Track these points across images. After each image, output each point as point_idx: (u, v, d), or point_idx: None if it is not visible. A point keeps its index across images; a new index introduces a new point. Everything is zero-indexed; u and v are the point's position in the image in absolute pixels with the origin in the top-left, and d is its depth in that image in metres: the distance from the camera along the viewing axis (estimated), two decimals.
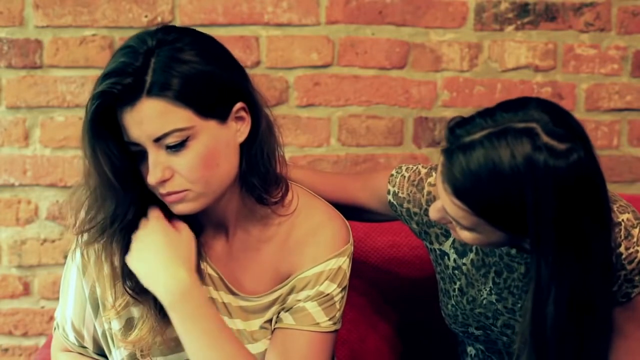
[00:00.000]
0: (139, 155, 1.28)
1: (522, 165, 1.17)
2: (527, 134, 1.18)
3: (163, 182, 1.27)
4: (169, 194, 1.28)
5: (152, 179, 1.26)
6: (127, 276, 1.33)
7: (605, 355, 1.32)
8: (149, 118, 1.23)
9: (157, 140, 1.24)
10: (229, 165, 1.30)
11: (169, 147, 1.25)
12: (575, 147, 1.19)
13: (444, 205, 1.26)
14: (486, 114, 1.22)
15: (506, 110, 1.22)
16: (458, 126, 1.23)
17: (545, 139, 1.18)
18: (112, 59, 1.26)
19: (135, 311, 1.37)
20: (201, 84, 1.24)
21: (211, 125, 1.26)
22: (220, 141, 1.28)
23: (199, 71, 1.24)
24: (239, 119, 1.30)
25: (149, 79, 1.22)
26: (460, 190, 1.21)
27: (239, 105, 1.29)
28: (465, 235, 1.28)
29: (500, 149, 1.17)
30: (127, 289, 1.34)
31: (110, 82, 1.21)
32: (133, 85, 1.21)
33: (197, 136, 1.25)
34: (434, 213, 1.32)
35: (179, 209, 1.30)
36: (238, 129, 1.30)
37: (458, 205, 1.23)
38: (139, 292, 1.33)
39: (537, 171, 1.17)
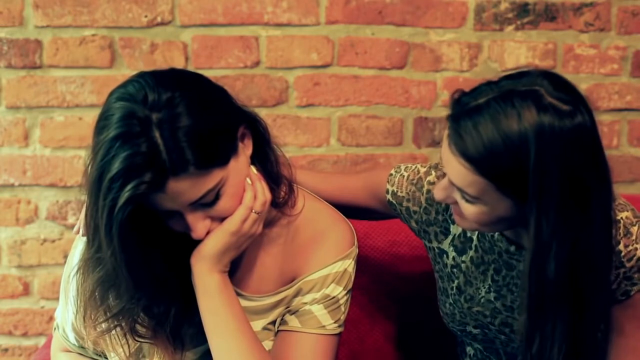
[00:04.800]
0: (168, 214, 1.26)
1: (528, 122, 1.19)
2: (531, 96, 1.20)
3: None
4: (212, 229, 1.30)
5: (198, 235, 1.27)
6: (135, 331, 1.32)
7: (601, 322, 1.33)
8: (181, 193, 1.20)
9: (193, 203, 1.23)
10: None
11: (205, 204, 1.25)
12: (579, 110, 1.21)
13: (451, 173, 1.26)
14: (490, 82, 1.25)
15: (509, 78, 1.25)
16: (464, 95, 1.26)
17: (549, 99, 1.20)
18: (110, 151, 1.16)
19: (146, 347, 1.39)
20: (210, 140, 1.21)
21: (231, 165, 1.25)
22: (242, 171, 1.28)
23: (203, 128, 1.20)
24: (242, 137, 1.30)
25: (166, 158, 1.16)
26: (468, 151, 1.22)
27: (240, 130, 1.29)
28: (470, 211, 1.28)
29: (506, 109, 1.20)
30: (141, 340, 1.34)
31: (132, 185, 1.15)
32: (156, 177, 1.17)
33: (226, 182, 1.25)
34: (439, 191, 1.32)
35: None
36: (245, 147, 1.30)
37: (466, 167, 1.23)
38: (152, 335, 1.33)
39: (543, 129, 1.19)
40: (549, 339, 1.28)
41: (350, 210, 1.53)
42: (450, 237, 1.48)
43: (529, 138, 1.19)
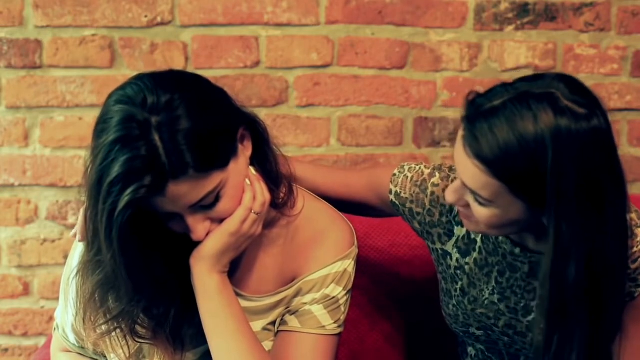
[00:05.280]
0: (168, 216, 1.26)
1: (545, 124, 1.19)
2: (548, 98, 1.20)
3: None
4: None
5: (198, 236, 1.27)
6: (135, 332, 1.32)
7: (618, 325, 1.33)
8: (181, 196, 1.20)
9: (192, 206, 1.23)
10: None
11: (205, 206, 1.24)
12: (595, 113, 1.22)
13: (464, 176, 1.26)
14: (505, 84, 1.25)
15: (524, 80, 1.25)
16: (478, 96, 1.26)
17: (565, 102, 1.20)
18: (110, 154, 1.16)
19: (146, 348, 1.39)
20: (209, 143, 1.20)
21: (231, 167, 1.25)
22: (241, 173, 1.28)
23: (202, 130, 1.19)
24: (242, 138, 1.29)
25: (165, 162, 1.16)
26: (483, 153, 1.22)
27: (240, 131, 1.28)
28: (482, 214, 1.28)
29: (522, 112, 1.20)
30: (141, 341, 1.34)
31: (132, 189, 1.15)
32: (155, 181, 1.16)
33: (225, 184, 1.24)
34: (450, 194, 1.31)
35: None
36: (245, 148, 1.30)
37: (480, 169, 1.22)
38: (152, 336, 1.33)
39: (560, 131, 1.19)
40: (568, 344, 1.28)
41: (351, 206, 1.53)
42: (454, 238, 1.48)
43: (546, 140, 1.19)
